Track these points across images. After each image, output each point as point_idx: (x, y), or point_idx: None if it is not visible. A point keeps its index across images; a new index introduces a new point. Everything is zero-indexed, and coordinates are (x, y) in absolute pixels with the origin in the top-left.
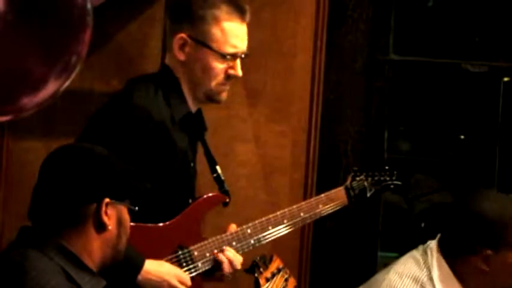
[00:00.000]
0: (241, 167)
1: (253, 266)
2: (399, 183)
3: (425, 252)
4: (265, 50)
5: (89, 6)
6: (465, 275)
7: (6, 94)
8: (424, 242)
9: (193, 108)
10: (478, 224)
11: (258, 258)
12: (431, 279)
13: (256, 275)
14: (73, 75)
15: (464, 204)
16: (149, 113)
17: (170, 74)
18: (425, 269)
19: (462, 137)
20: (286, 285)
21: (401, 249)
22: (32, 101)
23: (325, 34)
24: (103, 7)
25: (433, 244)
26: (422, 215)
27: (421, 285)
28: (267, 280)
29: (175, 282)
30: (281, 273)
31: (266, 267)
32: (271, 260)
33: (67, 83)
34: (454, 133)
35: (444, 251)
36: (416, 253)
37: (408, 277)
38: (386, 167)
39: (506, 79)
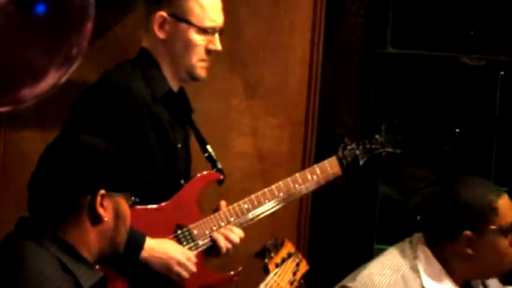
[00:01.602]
0: (238, 159)
1: (264, 251)
2: (391, 150)
3: (410, 243)
4: (262, 43)
5: None
6: (451, 262)
7: (6, 85)
8: None
9: (174, 87)
10: (457, 208)
11: (270, 242)
12: (415, 269)
13: (266, 260)
14: (74, 67)
15: (443, 191)
16: (128, 89)
17: (147, 55)
18: (409, 260)
19: (457, 130)
20: (298, 269)
21: (397, 242)
22: (31, 92)
23: (323, 27)
24: None
25: (418, 235)
26: (418, 208)
27: (402, 275)
28: (277, 266)
29: (182, 258)
30: (292, 257)
31: (277, 252)
32: (282, 244)
33: (67, 75)
34: (451, 126)
35: (428, 239)
36: (402, 245)
37: (389, 268)
38: (377, 136)
39: (503, 73)
